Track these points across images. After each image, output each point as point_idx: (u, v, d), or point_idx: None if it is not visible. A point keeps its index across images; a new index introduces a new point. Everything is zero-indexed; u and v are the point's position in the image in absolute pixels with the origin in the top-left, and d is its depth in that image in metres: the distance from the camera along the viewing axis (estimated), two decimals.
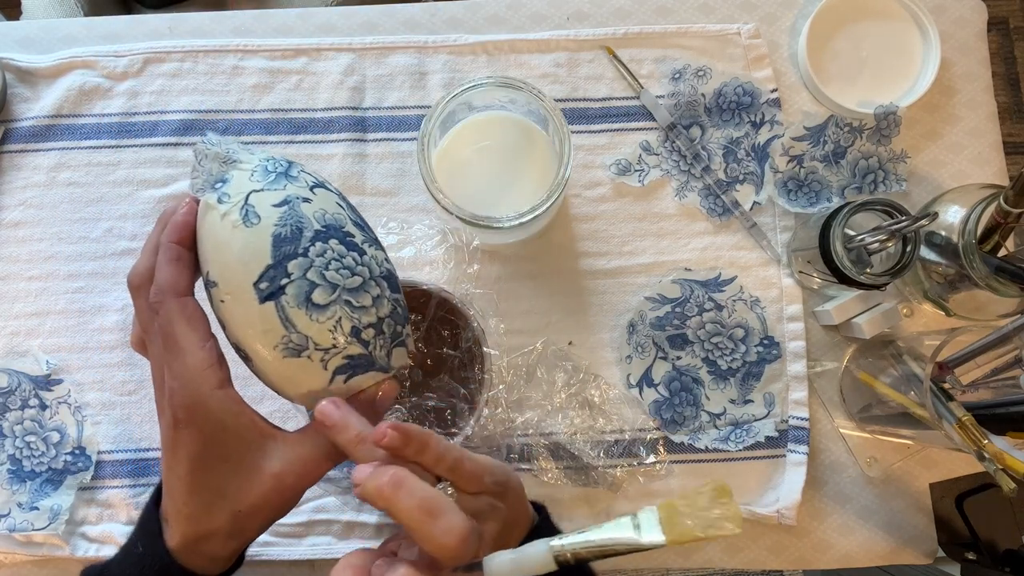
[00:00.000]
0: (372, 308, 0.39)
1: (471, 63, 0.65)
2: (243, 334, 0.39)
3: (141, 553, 0.41)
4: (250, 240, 0.37)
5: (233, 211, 0.38)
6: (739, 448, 0.59)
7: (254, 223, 0.37)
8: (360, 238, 0.40)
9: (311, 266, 0.37)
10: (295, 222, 0.38)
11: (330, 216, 0.39)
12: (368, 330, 0.39)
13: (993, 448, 0.46)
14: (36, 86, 0.64)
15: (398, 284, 0.43)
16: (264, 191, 0.38)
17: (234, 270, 0.38)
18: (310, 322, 0.37)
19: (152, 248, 0.41)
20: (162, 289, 0.39)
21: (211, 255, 0.39)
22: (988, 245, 0.52)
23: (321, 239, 0.38)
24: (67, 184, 0.63)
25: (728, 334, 0.61)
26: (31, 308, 0.61)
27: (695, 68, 0.64)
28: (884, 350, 0.58)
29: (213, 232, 0.38)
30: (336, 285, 0.38)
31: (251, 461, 0.39)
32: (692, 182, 0.63)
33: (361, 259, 0.40)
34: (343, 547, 0.58)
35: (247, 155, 0.40)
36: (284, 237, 0.37)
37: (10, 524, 0.57)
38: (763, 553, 0.60)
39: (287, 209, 0.38)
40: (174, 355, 0.38)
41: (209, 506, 0.39)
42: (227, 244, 0.38)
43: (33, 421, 0.59)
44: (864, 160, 0.63)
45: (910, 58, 0.64)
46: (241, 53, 0.64)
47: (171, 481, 0.40)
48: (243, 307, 0.38)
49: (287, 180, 0.39)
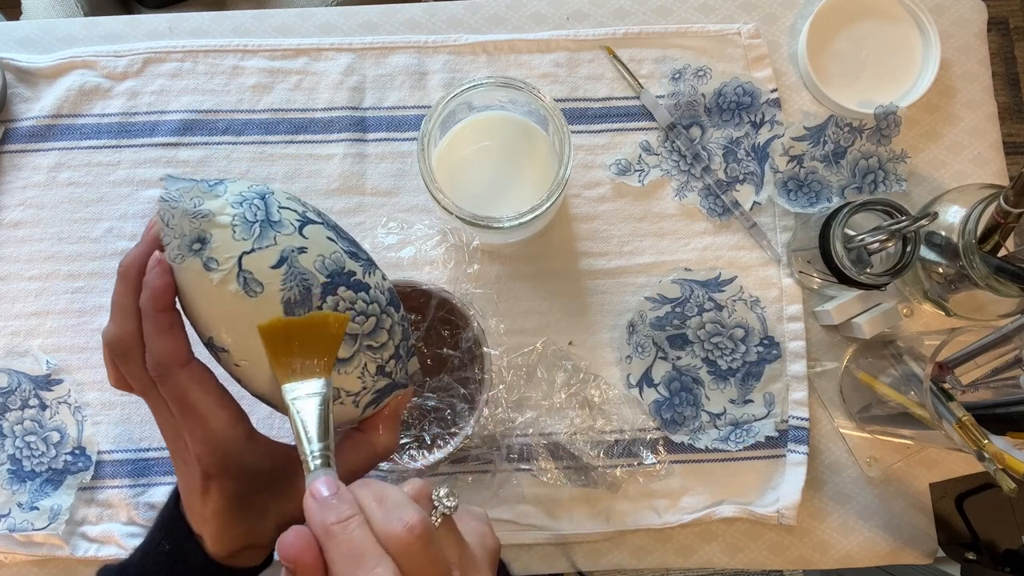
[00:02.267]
0: (389, 341, 0.39)
1: (471, 63, 0.65)
2: (271, 393, 0.38)
3: (170, 551, 0.41)
4: (259, 310, 0.36)
5: (229, 280, 0.35)
6: (739, 448, 0.59)
7: (258, 292, 0.36)
8: (360, 271, 0.39)
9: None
10: (300, 281, 0.36)
11: (330, 261, 0.38)
12: (390, 363, 0.40)
13: (993, 448, 0.46)
14: (36, 86, 0.64)
15: (398, 300, 0.42)
16: (256, 252, 0.36)
17: (249, 339, 0.36)
18: (339, 376, 0.37)
19: (126, 310, 0.38)
20: (163, 362, 0.37)
21: (214, 323, 0.37)
22: (988, 245, 0.52)
23: (330, 292, 0.37)
24: (67, 184, 0.63)
25: (728, 334, 0.61)
26: (31, 308, 0.61)
27: (695, 68, 0.64)
28: (884, 350, 0.58)
29: (210, 301, 0.36)
30: (356, 336, 0.38)
31: (290, 484, 0.40)
32: (692, 182, 0.63)
33: (369, 295, 0.39)
34: None
35: (216, 201, 0.37)
36: (294, 301, 0.36)
37: (10, 524, 0.57)
38: (763, 553, 0.60)
39: (287, 268, 0.36)
40: (194, 422, 0.38)
41: (254, 526, 0.40)
42: (233, 315, 0.36)
43: (33, 421, 0.59)
44: (864, 160, 0.63)
45: (910, 58, 0.64)
46: (241, 53, 0.64)
47: (204, 514, 0.39)
48: (267, 372, 0.37)
49: (273, 229, 0.37)
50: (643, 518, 0.59)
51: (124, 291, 0.38)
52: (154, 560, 0.41)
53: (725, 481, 0.60)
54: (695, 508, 0.59)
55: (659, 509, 0.59)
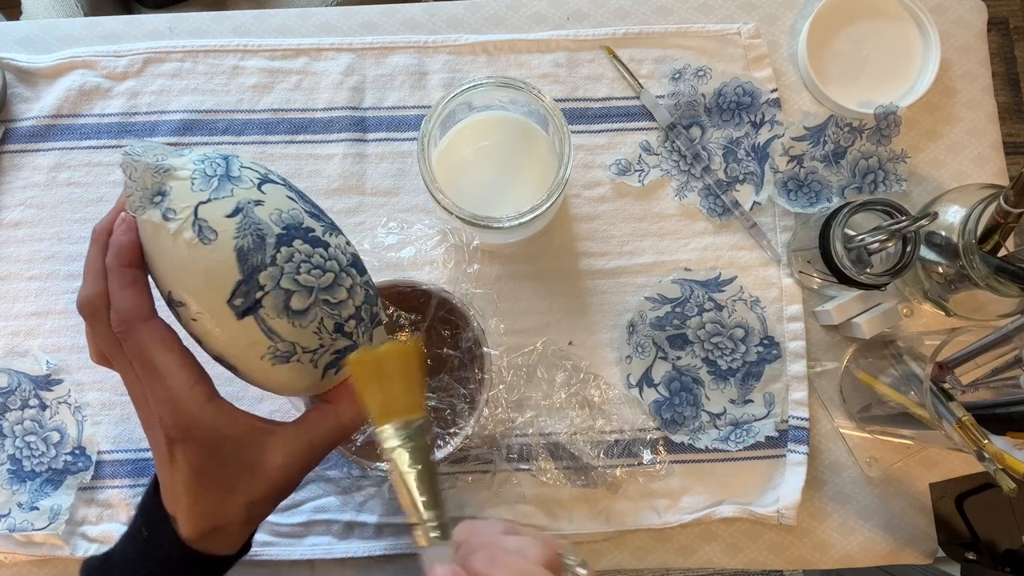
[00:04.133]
0: (348, 300, 0.39)
1: (471, 63, 0.65)
2: (225, 349, 0.38)
3: (147, 538, 0.41)
4: (213, 257, 0.36)
5: (185, 228, 0.36)
6: (739, 448, 0.59)
7: (212, 239, 0.36)
8: (320, 229, 0.39)
9: (282, 274, 0.37)
10: (255, 231, 0.36)
11: (287, 215, 0.38)
12: (350, 322, 0.39)
13: (993, 448, 0.46)
14: (36, 86, 0.64)
15: (363, 265, 0.42)
16: (212, 201, 0.36)
17: (202, 289, 0.36)
18: (293, 329, 0.37)
19: (96, 272, 0.39)
20: (125, 318, 0.38)
21: (171, 275, 0.37)
22: (988, 245, 0.52)
23: (285, 243, 0.37)
24: (67, 184, 0.63)
25: (728, 334, 0.61)
26: (31, 308, 0.61)
27: (695, 68, 0.64)
28: (884, 350, 0.58)
29: (168, 252, 0.37)
30: (311, 288, 0.37)
31: (255, 458, 0.40)
32: (692, 182, 0.63)
33: (327, 252, 0.39)
34: (343, 547, 0.58)
35: (179, 159, 0.38)
36: (248, 249, 0.36)
37: (10, 524, 0.57)
38: (763, 553, 0.60)
39: (242, 218, 0.36)
40: (155, 380, 0.38)
41: (222, 502, 0.39)
42: (188, 264, 0.36)
43: (33, 421, 0.59)
44: (864, 160, 0.63)
45: (910, 58, 0.64)
46: (241, 53, 0.64)
47: (174, 488, 0.40)
48: (220, 324, 0.37)
49: (231, 183, 0.37)
50: (643, 518, 0.59)
51: (95, 254, 0.39)
52: (133, 547, 0.42)
53: (725, 481, 0.60)
54: (695, 508, 0.59)
55: (659, 509, 0.59)
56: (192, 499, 0.39)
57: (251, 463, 0.39)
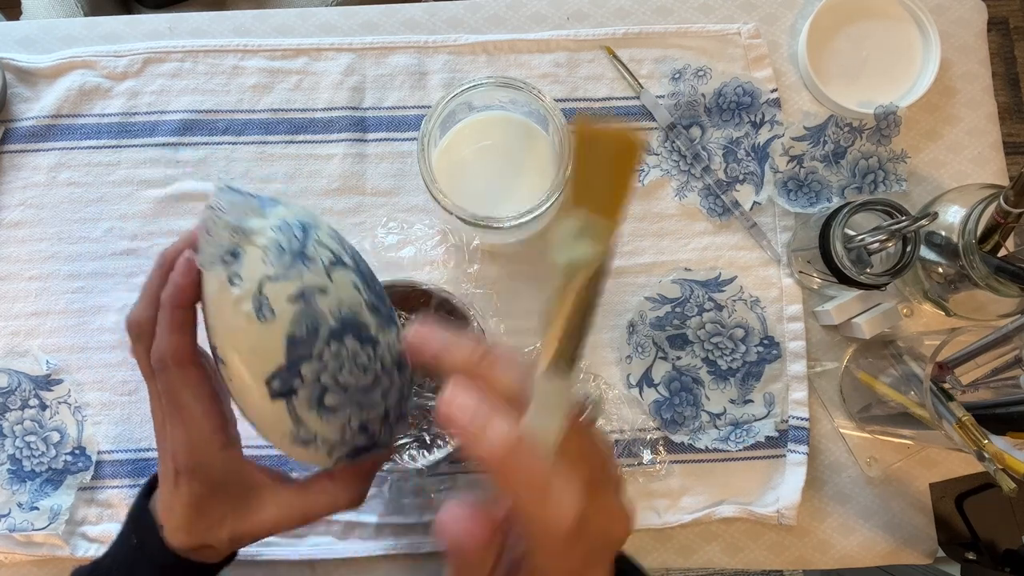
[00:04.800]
0: (381, 403, 0.39)
1: (471, 63, 0.65)
2: (251, 415, 0.38)
3: (137, 545, 0.42)
4: (263, 335, 0.36)
5: (246, 299, 0.36)
6: (739, 448, 0.59)
7: (267, 318, 0.35)
8: (375, 325, 0.39)
9: (324, 369, 0.36)
10: (310, 321, 0.36)
11: (347, 309, 0.37)
12: (375, 423, 0.39)
13: (993, 448, 0.46)
14: (36, 86, 0.64)
15: (405, 360, 0.41)
16: (279, 280, 0.36)
17: (246, 359, 0.36)
18: (320, 422, 0.37)
19: (151, 297, 0.40)
20: (163, 357, 0.38)
21: (221, 333, 0.37)
22: (988, 245, 0.52)
23: (336, 338, 0.36)
24: (67, 184, 0.63)
25: (728, 334, 0.61)
26: (31, 308, 0.61)
27: (695, 68, 0.64)
28: (884, 350, 0.58)
29: (223, 312, 0.37)
30: (348, 387, 0.37)
31: (251, 503, 0.41)
32: (692, 182, 0.63)
33: (375, 352, 0.38)
34: (343, 547, 0.58)
35: (259, 222, 0.37)
36: (298, 338, 0.36)
37: (10, 524, 0.57)
38: (763, 553, 0.60)
39: (303, 305, 0.36)
40: (177, 420, 0.39)
41: (211, 530, 0.41)
42: (239, 332, 0.36)
43: (33, 421, 0.59)
44: (864, 160, 0.63)
45: (910, 58, 0.64)
46: (241, 53, 0.64)
47: (172, 505, 0.41)
48: (252, 397, 0.37)
49: (303, 264, 0.36)
50: (643, 518, 0.59)
51: (155, 279, 0.40)
52: (123, 554, 0.43)
53: (725, 481, 0.60)
54: (695, 508, 0.59)
55: (659, 509, 0.59)
56: (185, 520, 0.41)
57: (245, 511, 0.41)
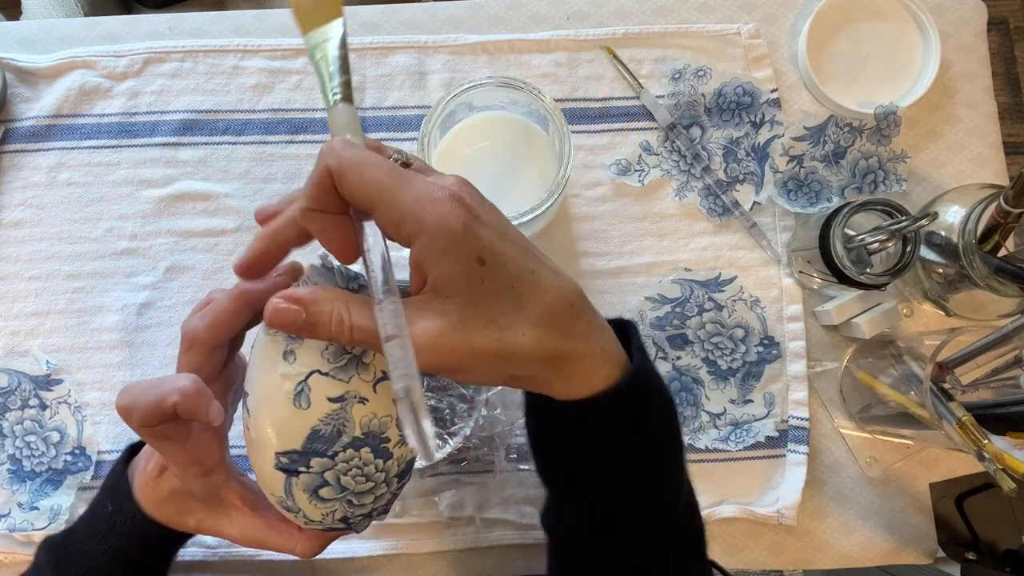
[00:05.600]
0: (370, 505, 0.40)
1: (471, 63, 0.65)
2: (251, 458, 0.39)
3: (111, 512, 0.44)
4: (291, 418, 0.36)
5: (290, 380, 0.36)
6: (739, 448, 0.59)
7: (302, 407, 0.36)
8: (396, 440, 0.39)
9: (332, 469, 0.37)
10: (339, 425, 0.37)
11: (375, 423, 0.38)
12: (357, 518, 0.40)
13: (993, 448, 0.46)
14: (36, 86, 0.64)
15: (410, 470, 0.42)
16: (328, 377, 0.36)
17: (266, 426, 0.37)
18: (310, 505, 0.38)
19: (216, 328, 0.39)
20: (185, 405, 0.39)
21: (255, 387, 0.38)
22: (988, 245, 0.52)
23: (354, 447, 0.37)
24: (67, 184, 0.63)
25: (728, 334, 0.61)
26: (31, 308, 0.61)
27: (695, 68, 0.64)
28: (884, 350, 0.58)
29: (264, 374, 0.37)
30: (346, 488, 0.38)
31: (219, 515, 0.43)
32: (692, 182, 0.63)
33: (385, 465, 0.39)
34: (343, 547, 0.58)
35: None
36: (320, 435, 0.36)
37: (10, 524, 0.57)
38: (763, 553, 0.60)
39: (338, 409, 0.36)
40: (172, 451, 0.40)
41: (179, 515, 0.43)
42: (271, 402, 0.37)
43: (33, 421, 0.59)
44: (864, 160, 0.63)
45: (910, 58, 0.64)
46: (241, 53, 0.64)
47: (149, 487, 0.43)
48: (259, 454, 0.38)
49: (355, 370, 0.37)
50: None
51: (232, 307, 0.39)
52: (98, 521, 0.45)
53: (725, 481, 0.60)
54: None
55: None
56: (156, 505, 0.43)
57: (213, 518, 0.43)
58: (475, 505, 0.58)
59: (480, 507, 0.58)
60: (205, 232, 0.62)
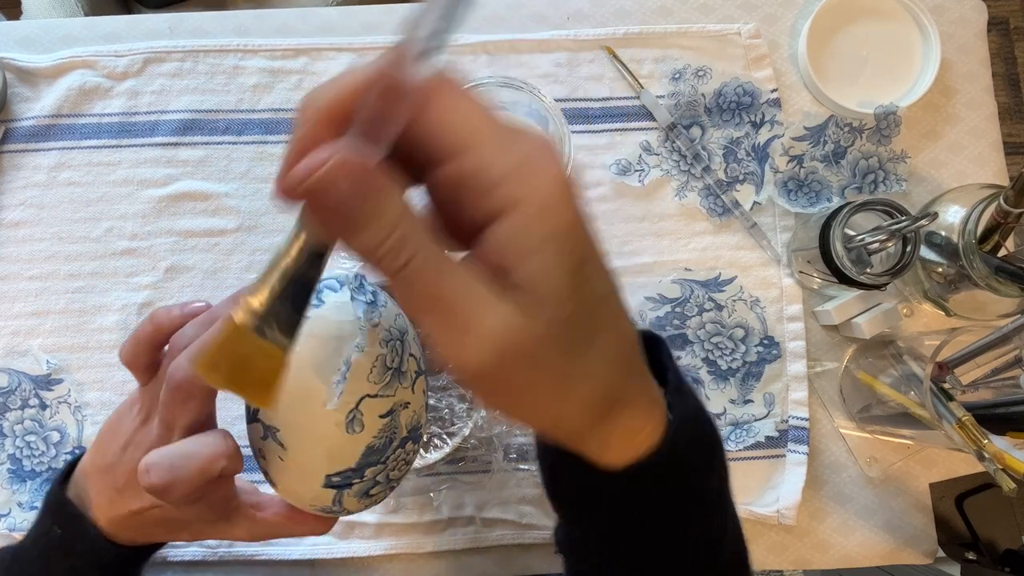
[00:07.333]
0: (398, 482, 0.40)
1: (471, 63, 0.65)
2: (285, 490, 0.38)
3: (62, 535, 0.41)
4: (345, 444, 0.36)
5: (342, 410, 0.35)
6: (739, 448, 0.59)
7: (355, 431, 0.36)
8: (425, 423, 0.40)
9: (384, 471, 0.38)
10: (391, 434, 0.37)
11: (415, 417, 0.38)
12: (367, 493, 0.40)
13: (993, 448, 0.46)
14: (36, 86, 0.64)
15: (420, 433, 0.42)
16: (377, 397, 0.36)
17: (316, 458, 0.36)
18: (358, 504, 0.39)
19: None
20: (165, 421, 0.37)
21: (290, 427, 0.36)
22: (988, 245, 0.52)
23: (402, 445, 0.38)
24: (67, 184, 0.63)
25: (728, 334, 0.61)
26: (31, 308, 0.61)
27: (695, 68, 0.64)
28: (884, 350, 0.58)
29: (312, 414, 0.35)
30: (392, 480, 0.39)
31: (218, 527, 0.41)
32: (692, 182, 0.63)
33: (417, 446, 0.40)
34: (343, 547, 0.58)
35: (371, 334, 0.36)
36: (376, 448, 0.37)
37: (10, 524, 0.57)
38: (763, 553, 0.60)
39: (389, 421, 0.37)
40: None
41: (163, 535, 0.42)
42: (320, 436, 0.36)
43: (33, 421, 0.59)
44: (864, 160, 0.63)
45: (910, 58, 0.64)
46: (241, 53, 0.64)
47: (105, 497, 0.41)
48: (303, 482, 0.37)
49: (399, 380, 0.37)
50: None
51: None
52: (47, 545, 0.42)
53: None
54: None
55: None
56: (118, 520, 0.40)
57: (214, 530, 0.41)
58: (475, 505, 0.58)
59: (480, 507, 0.58)
60: (205, 232, 0.62)
